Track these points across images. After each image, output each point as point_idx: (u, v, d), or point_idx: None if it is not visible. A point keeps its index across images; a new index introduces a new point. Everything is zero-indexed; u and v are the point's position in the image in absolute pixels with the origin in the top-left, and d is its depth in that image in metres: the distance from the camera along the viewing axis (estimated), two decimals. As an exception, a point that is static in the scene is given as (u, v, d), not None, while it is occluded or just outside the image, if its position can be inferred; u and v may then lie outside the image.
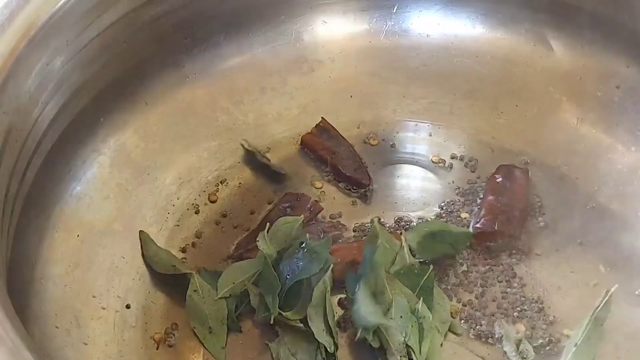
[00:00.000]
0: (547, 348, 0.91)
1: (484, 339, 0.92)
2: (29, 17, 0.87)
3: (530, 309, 0.94)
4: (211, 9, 1.08)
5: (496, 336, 0.91)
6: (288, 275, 0.89)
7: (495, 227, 0.98)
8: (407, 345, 0.86)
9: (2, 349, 0.67)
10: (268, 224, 0.93)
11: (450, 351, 0.91)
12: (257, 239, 0.92)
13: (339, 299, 0.93)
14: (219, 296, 0.91)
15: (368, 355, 0.89)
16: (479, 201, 1.03)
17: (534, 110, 1.11)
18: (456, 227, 0.98)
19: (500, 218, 0.98)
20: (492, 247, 0.98)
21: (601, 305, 0.89)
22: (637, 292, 0.95)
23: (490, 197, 1.00)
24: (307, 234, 0.94)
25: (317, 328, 0.87)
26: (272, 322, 0.88)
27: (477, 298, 0.95)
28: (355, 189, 1.05)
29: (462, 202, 1.03)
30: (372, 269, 0.89)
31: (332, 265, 0.89)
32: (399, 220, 1.01)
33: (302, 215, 0.95)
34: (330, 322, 0.87)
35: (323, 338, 0.87)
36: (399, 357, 0.86)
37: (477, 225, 0.99)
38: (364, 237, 0.99)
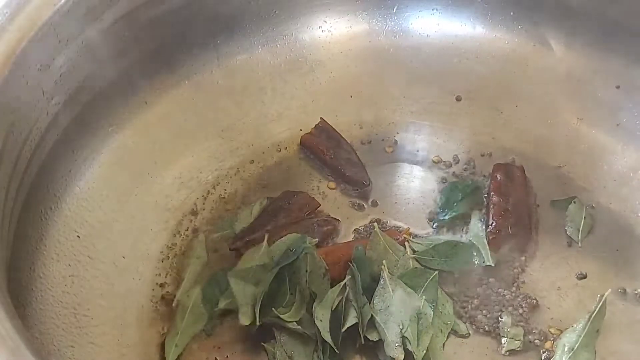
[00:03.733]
0: (545, 348, 0.91)
1: (484, 339, 0.92)
2: (29, 17, 0.87)
3: (529, 309, 0.94)
4: (211, 9, 1.08)
5: (496, 334, 0.92)
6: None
7: (510, 231, 0.98)
8: (404, 337, 0.87)
9: (2, 349, 0.67)
10: (267, 235, 0.94)
11: (451, 351, 0.91)
12: (245, 256, 0.92)
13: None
14: (220, 307, 0.92)
15: (368, 354, 0.90)
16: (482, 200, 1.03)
17: (534, 110, 1.11)
18: (465, 243, 0.97)
19: (511, 220, 0.98)
20: (505, 250, 0.98)
21: (596, 310, 0.90)
22: (636, 292, 0.95)
23: (496, 198, 1.00)
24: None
25: (324, 328, 0.87)
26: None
27: (477, 298, 0.95)
28: (355, 189, 1.05)
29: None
30: (363, 268, 0.90)
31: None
32: (399, 220, 1.01)
33: (317, 239, 0.94)
34: (338, 323, 0.88)
35: (328, 337, 0.87)
36: (394, 347, 0.86)
37: (490, 229, 0.98)
38: (366, 237, 0.99)
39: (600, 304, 0.90)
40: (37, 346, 0.80)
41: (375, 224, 0.98)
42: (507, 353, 0.90)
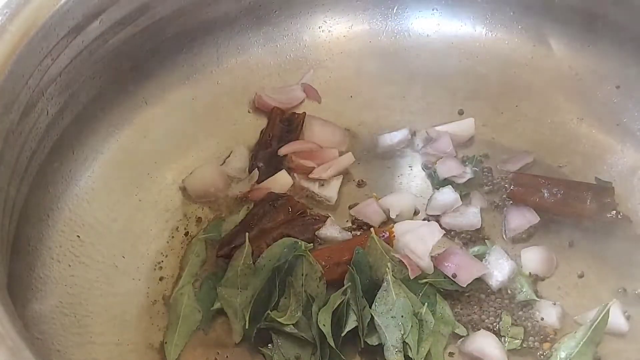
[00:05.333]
0: (544, 349, 0.91)
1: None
2: (29, 17, 0.87)
3: (529, 309, 0.94)
4: (211, 9, 1.08)
5: (496, 334, 0.92)
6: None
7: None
8: (404, 342, 0.87)
9: (2, 349, 0.67)
10: (247, 233, 0.94)
11: (451, 351, 0.91)
12: (232, 262, 0.93)
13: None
14: (216, 307, 0.92)
15: (368, 358, 0.90)
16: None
17: (534, 110, 1.11)
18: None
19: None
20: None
21: (599, 319, 0.90)
22: (636, 292, 0.95)
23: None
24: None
25: (328, 333, 0.87)
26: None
27: (476, 299, 0.94)
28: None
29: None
30: (363, 271, 0.91)
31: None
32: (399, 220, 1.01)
33: (311, 244, 0.94)
34: (338, 326, 0.88)
35: (332, 342, 0.87)
36: (394, 352, 0.86)
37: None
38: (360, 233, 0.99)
39: (603, 313, 0.90)
40: (37, 346, 0.80)
41: (372, 229, 0.97)
42: (508, 353, 0.91)
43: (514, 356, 0.91)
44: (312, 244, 0.94)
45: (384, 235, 0.95)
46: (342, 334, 0.88)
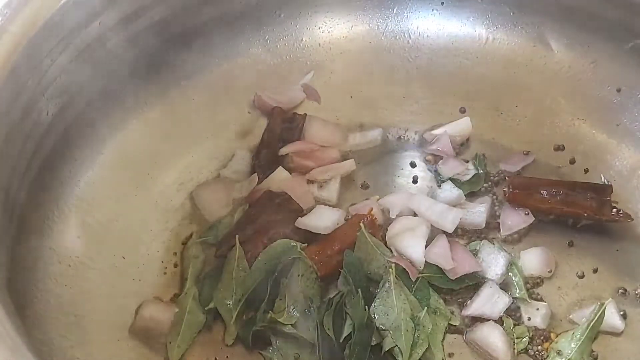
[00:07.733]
0: (544, 348, 0.91)
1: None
2: (29, 17, 0.88)
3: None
4: (211, 10, 1.08)
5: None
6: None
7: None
8: (397, 346, 0.87)
9: (2, 348, 0.67)
10: (237, 236, 0.94)
11: (448, 350, 0.91)
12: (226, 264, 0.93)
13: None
14: (213, 306, 0.92)
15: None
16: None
17: (534, 110, 1.11)
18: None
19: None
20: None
21: (595, 318, 0.90)
22: (637, 292, 0.95)
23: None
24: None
25: (331, 334, 0.88)
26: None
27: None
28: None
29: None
30: (355, 272, 0.91)
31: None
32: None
33: (306, 244, 0.94)
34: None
35: (336, 347, 0.87)
36: (391, 353, 0.87)
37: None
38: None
39: (600, 312, 0.90)
40: (37, 346, 0.80)
41: (362, 223, 0.97)
42: (518, 354, 0.91)
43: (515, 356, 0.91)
44: (306, 244, 0.94)
45: (367, 219, 0.96)
46: (341, 339, 0.88)
